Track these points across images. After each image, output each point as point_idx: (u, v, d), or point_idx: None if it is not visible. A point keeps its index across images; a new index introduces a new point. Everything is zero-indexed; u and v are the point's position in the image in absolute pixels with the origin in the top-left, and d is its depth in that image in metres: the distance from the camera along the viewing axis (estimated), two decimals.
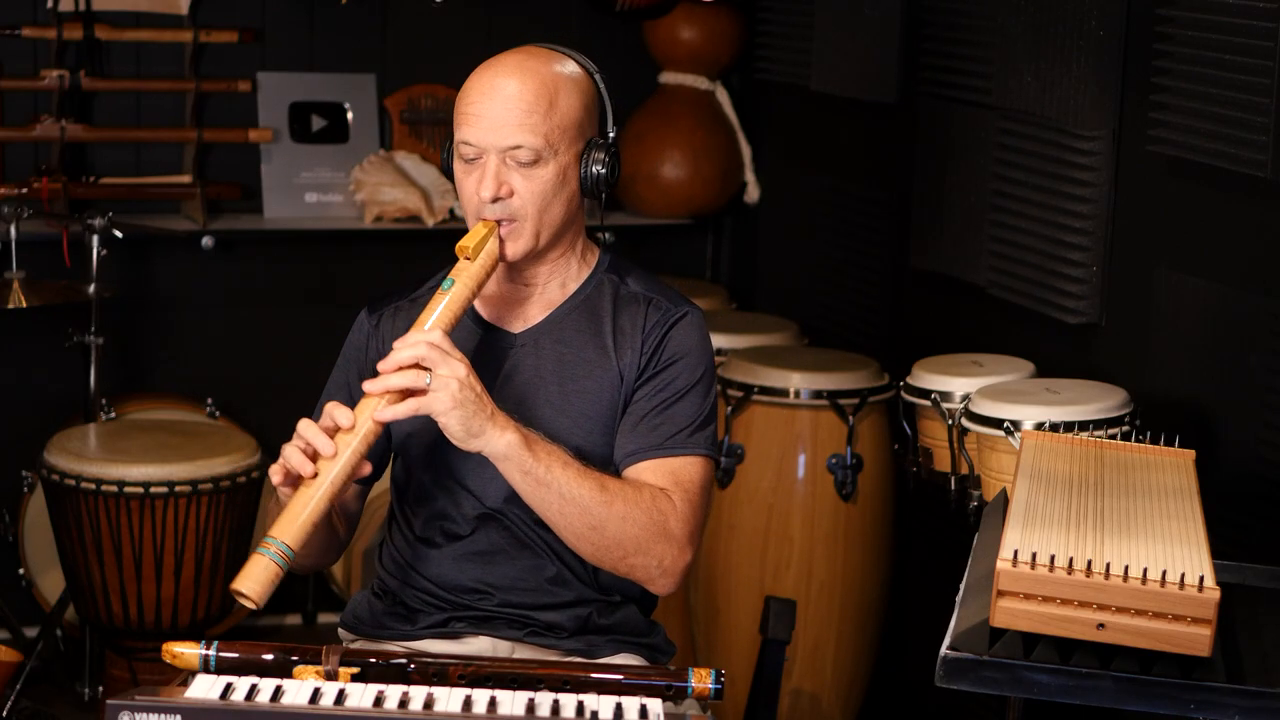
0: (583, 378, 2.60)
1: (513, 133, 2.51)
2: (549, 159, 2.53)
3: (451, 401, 2.39)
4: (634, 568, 2.53)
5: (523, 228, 2.55)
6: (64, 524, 4.10)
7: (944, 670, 2.14)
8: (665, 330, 2.61)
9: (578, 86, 2.57)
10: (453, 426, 2.41)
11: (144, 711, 2.01)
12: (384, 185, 4.74)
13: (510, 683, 2.26)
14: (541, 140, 2.52)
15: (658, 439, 2.58)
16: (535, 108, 2.52)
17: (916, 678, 3.93)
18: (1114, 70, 3.52)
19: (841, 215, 4.57)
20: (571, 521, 2.48)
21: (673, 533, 2.53)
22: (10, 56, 4.59)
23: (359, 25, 4.84)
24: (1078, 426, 3.16)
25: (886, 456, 4.06)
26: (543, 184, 2.53)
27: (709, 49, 4.93)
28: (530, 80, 2.53)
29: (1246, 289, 3.20)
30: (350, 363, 2.71)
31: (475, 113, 2.54)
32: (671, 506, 2.54)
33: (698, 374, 2.61)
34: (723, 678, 2.33)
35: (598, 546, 2.51)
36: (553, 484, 2.46)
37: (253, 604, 2.29)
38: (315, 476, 2.37)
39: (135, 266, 4.69)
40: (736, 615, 4.04)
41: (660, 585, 2.57)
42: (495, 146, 2.52)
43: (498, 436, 2.43)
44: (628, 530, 2.50)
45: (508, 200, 2.53)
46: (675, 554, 2.54)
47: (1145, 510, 2.38)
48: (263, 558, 2.31)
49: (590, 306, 2.64)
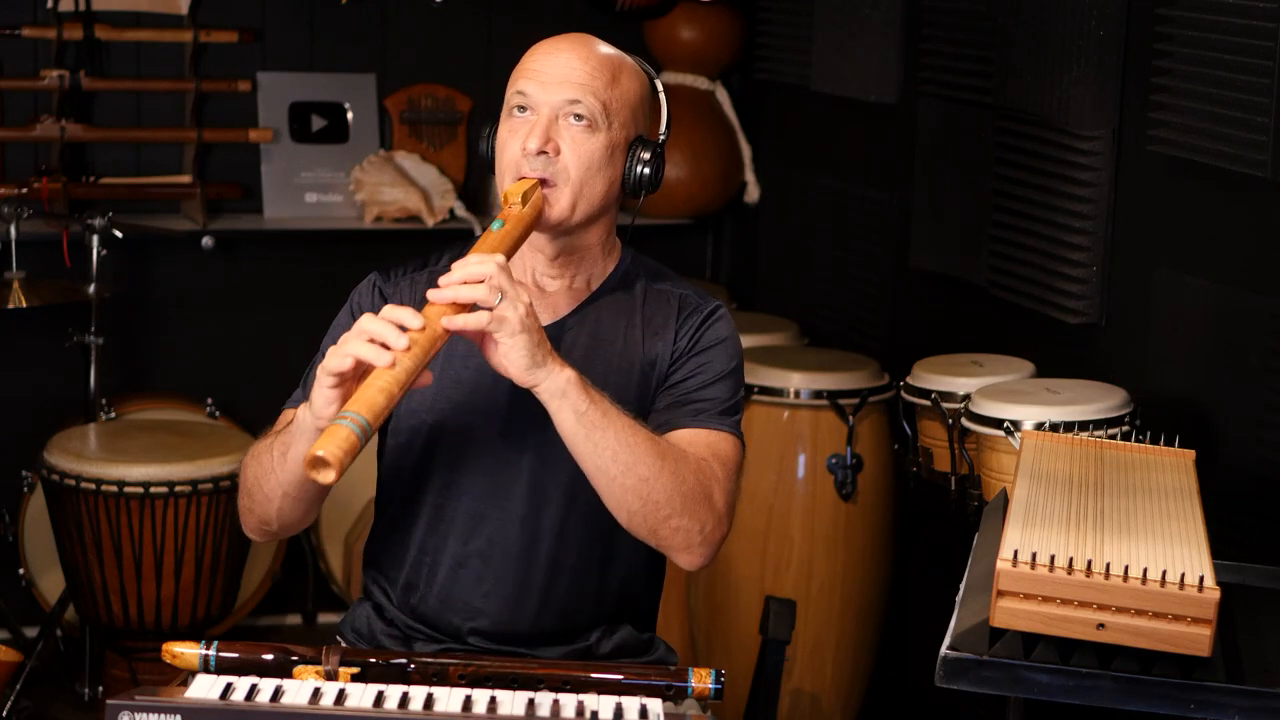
0: (611, 371, 2.55)
1: (574, 89, 2.47)
2: (602, 127, 2.49)
3: (520, 325, 2.28)
4: (676, 530, 2.41)
5: (563, 191, 2.49)
6: (64, 524, 4.10)
7: (944, 670, 2.14)
8: (700, 322, 2.58)
9: (639, 77, 2.56)
10: (517, 352, 2.29)
11: (144, 711, 2.01)
12: (384, 185, 4.74)
13: (510, 683, 2.26)
14: (600, 104, 2.48)
15: (691, 412, 2.51)
16: (599, 74, 2.49)
17: (916, 678, 3.94)
18: (1114, 70, 3.52)
19: (841, 215, 4.57)
20: (622, 471, 2.36)
21: (716, 501, 2.44)
22: (10, 56, 4.59)
23: (359, 25, 4.84)
24: (1078, 426, 3.16)
25: (886, 456, 4.06)
26: (590, 150, 2.48)
27: (709, 49, 4.93)
28: (597, 55, 2.52)
29: (1246, 289, 3.20)
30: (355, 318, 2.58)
31: (536, 68, 2.50)
32: (714, 474, 2.45)
33: (732, 362, 2.57)
34: (723, 678, 2.33)
35: (645, 502, 2.38)
36: (608, 427, 2.35)
37: (332, 473, 2.10)
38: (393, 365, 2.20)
39: (135, 266, 4.69)
40: (736, 615, 4.04)
41: (696, 554, 2.46)
42: (550, 102, 2.48)
43: (558, 371, 2.32)
44: (678, 488, 2.39)
45: (552, 157, 2.47)
46: (715, 523, 2.44)
47: (1145, 510, 2.38)
48: (342, 427, 2.13)
49: (619, 300, 2.61)
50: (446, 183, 4.82)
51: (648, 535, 2.43)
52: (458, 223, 4.77)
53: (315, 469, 2.11)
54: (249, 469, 2.53)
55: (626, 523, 2.43)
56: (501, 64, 2.66)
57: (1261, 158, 3.08)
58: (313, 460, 2.10)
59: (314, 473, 2.11)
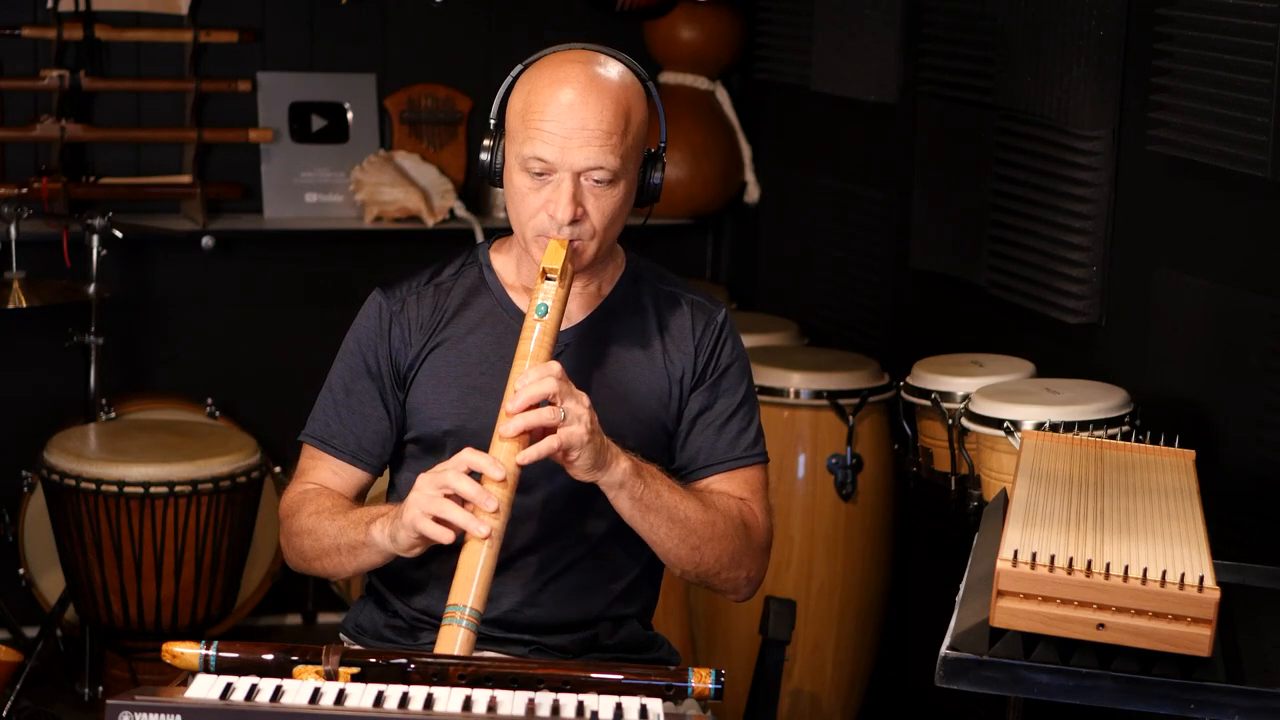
0: (632, 378, 2.59)
1: (594, 154, 2.44)
2: (621, 178, 2.49)
3: (586, 435, 2.36)
4: (726, 581, 2.57)
5: (590, 245, 2.50)
6: (64, 524, 4.10)
7: (944, 670, 2.14)
8: (716, 336, 2.62)
9: (641, 100, 2.52)
10: (584, 460, 2.38)
11: (144, 711, 2.00)
12: (384, 185, 4.74)
13: (510, 683, 2.26)
14: (619, 161, 2.46)
15: (729, 449, 2.61)
16: (615, 129, 2.45)
17: (916, 678, 3.94)
18: (1114, 70, 3.51)
19: (841, 215, 4.57)
20: (677, 544, 2.50)
21: (756, 544, 2.59)
22: (10, 56, 4.59)
23: (359, 25, 4.84)
24: (1078, 426, 3.16)
25: (886, 456, 4.06)
26: (614, 203, 2.49)
27: (709, 49, 4.93)
28: (608, 100, 2.45)
29: (1246, 289, 3.20)
30: (367, 349, 2.62)
31: (553, 130, 2.44)
32: (755, 518, 2.59)
33: (745, 379, 2.65)
34: (723, 678, 2.33)
35: (698, 565, 2.53)
36: (662, 509, 2.47)
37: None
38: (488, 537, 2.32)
39: (135, 266, 4.69)
40: (736, 615, 4.04)
41: (743, 594, 2.62)
42: (573, 165, 2.45)
43: (616, 467, 2.42)
44: (726, 547, 2.53)
45: (581, 221, 2.48)
46: (760, 564, 2.60)
47: (1145, 510, 2.38)
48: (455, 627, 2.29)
49: (630, 304, 2.63)
50: (446, 183, 4.82)
51: (699, 583, 2.60)
52: (458, 223, 4.77)
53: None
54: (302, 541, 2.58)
55: (681, 575, 2.57)
56: (501, 64, 2.65)
57: (1261, 158, 3.08)
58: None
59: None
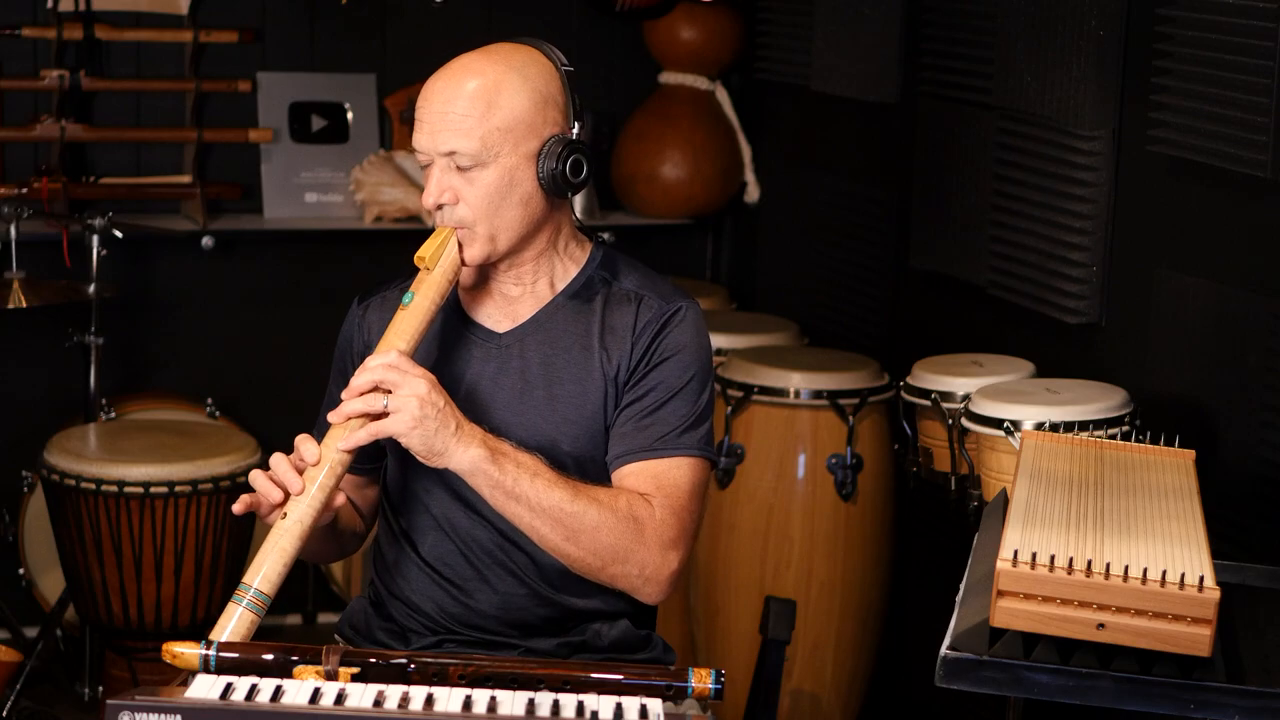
0: (569, 380, 2.57)
1: (449, 137, 2.48)
2: (489, 161, 2.48)
3: (411, 421, 2.38)
4: (615, 577, 2.50)
5: (475, 233, 2.51)
6: (64, 524, 4.10)
7: (944, 670, 2.14)
8: (657, 329, 2.56)
9: (527, 84, 2.51)
10: (415, 445, 2.40)
11: (144, 711, 2.01)
12: (384, 185, 4.74)
13: (510, 683, 2.26)
14: (478, 143, 2.47)
15: (644, 441, 2.54)
16: (471, 110, 2.47)
17: (916, 678, 3.94)
18: (1114, 70, 3.51)
19: (841, 215, 4.57)
20: (545, 534, 2.46)
21: (650, 539, 2.49)
22: (10, 56, 4.59)
23: (359, 25, 4.84)
24: (1078, 426, 3.16)
25: (886, 456, 4.06)
26: (485, 188, 2.49)
27: (709, 49, 4.93)
28: (470, 81, 2.48)
29: (1246, 289, 3.20)
30: (343, 354, 2.71)
31: (420, 118, 2.51)
32: (650, 512, 2.50)
33: (690, 373, 2.56)
34: (723, 678, 2.33)
35: (574, 559, 2.48)
36: (522, 497, 2.44)
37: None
38: (285, 516, 2.38)
39: (135, 266, 4.69)
40: (736, 615, 4.04)
41: (647, 594, 2.53)
42: (436, 150, 2.49)
43: (461, 453, 2.41)
44: (603, 539, 2.46)
45: (453, 206, 2.50)
46: (657, 561, 2.50)
47: (1145, 510, 2.38)
48: (236, 605, 2.34)
49: (578, 305, 2.60)
50: None
51: (594, 580, 2.53)
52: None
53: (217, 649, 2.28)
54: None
55: (571, 569, 2.52)
56: None
57: (1261, 158, 3.08)
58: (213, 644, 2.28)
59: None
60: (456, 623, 2.60)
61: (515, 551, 2.58)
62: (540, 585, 2.59)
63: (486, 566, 2.59)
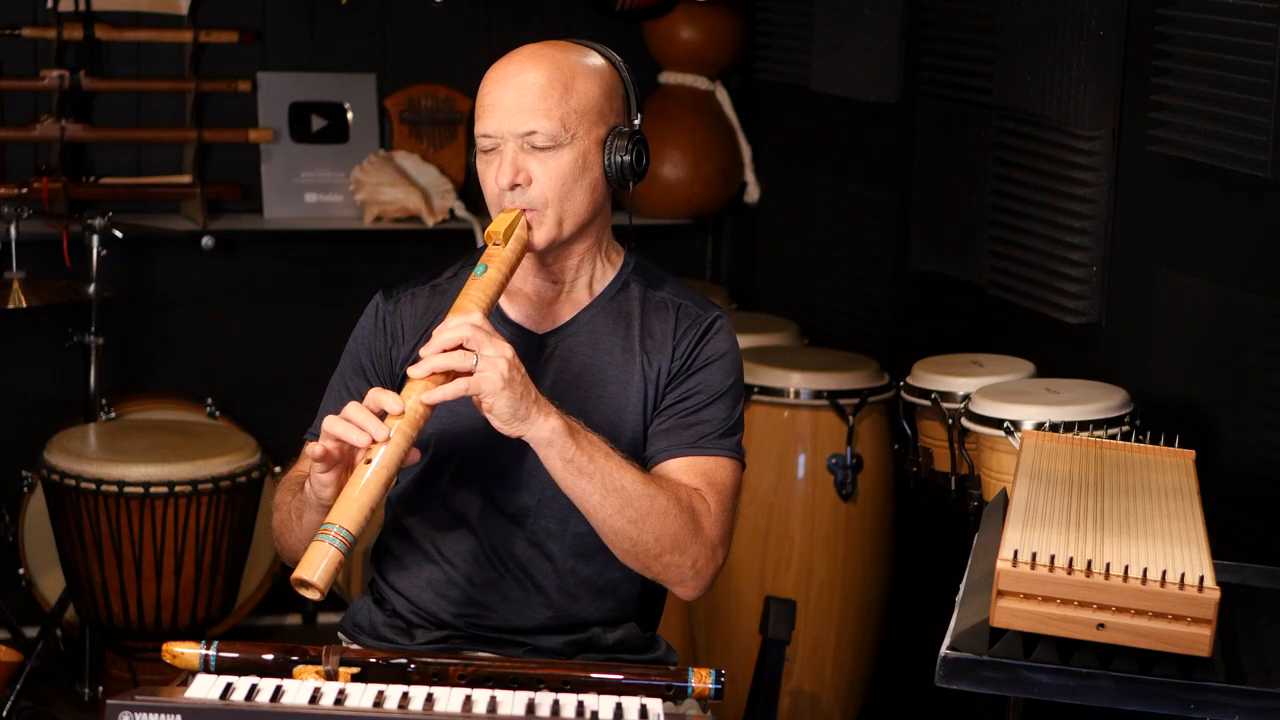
0: (610, 382, 2.57)
1: (527, 118, 2.48)
2: (566, 143, 2.50)
3: (501, 382, 2.33)
4: (668, 566, 2.48)
5: (545, 214, 2.51)
6: (64, 524, 4.10)
7: (944, 670, 2.14)
8: (698, 337, 2.59)
9: (596, 73, 2.55)
10: (500, 407, 2.35)
11: (144, 711, 2.01)
12: (384, 185, 4.74)
13: (510, 683, 2.26)
14: (557, 124, 2.49)
15: (690, 437, 2.54)
16: (549, 91, 2.49)
17: (916, 678, 3.94)
18: (1114, 70, 3.52)
19: (841, 215, 4.57)
20: (612, 515, 2.43)
21: (707, 534, 2.50)
22: (10, 56, 4.59)
23: (359, 25, 4.84)
24: (1078, 426, 3.16)
25: (886, 456, 4.06)
26: (561, 169, 2.50)
27: (709, 49, 4.93)
28: (544, 65, 2.51)
29: (1246, 289, 3.20)
30: (362, 347, 2.65)
31: (490, 103, 2.51)
32: (706, 506, 2.51)
33: (730, 378, 2.59)
34: (723, 678, 2.33)
35: (635, 542, 2.45)
36: (595, 473, 2.41)
37: (317, 594, 2.21)
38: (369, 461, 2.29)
39: (135, 266, 4.69)
40: (736, 615, 4.04)
41: (690, 588, 2.52)
42: (511, 133, 2.49)
43: (542, 421, 2.38)
44: (667, 526, 2.45)
45: (526, 188, 2.50)
46: (708, 556, 2.50)
47: (1145, 510, 2.38)
48: (323, 544, 2.22)
49: (618, 309, 2.61)
50: (446, 182, 4.82)
51: (641, 570, 2.51)
52: (458, 223, 4.78)
53: (301, 589, 2.21)
54: (277, 514, 2.61)
55: (620, 558, 2.50)
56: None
57: (1261, 158, 3.08)
58: (298, 581, 2.21)
59: (301, 590, 2.21)
60: (465, 622, 2.60)
61: (543, 562, 2.58)
62: (559, 596, 2.59)
63: (510, 572, 2.59)
